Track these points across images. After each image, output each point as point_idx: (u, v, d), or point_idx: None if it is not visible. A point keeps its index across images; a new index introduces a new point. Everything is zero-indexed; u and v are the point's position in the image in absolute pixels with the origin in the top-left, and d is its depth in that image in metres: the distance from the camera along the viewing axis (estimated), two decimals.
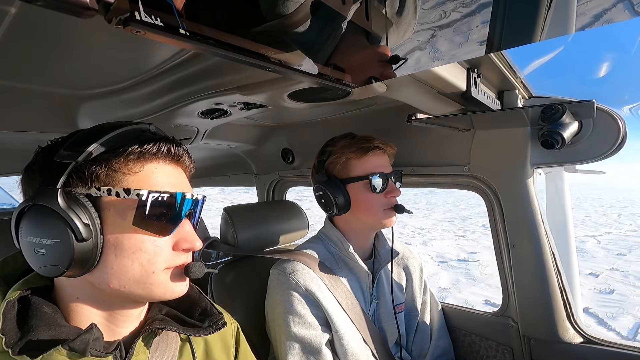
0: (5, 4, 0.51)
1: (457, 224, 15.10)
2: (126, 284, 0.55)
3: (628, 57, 0.82)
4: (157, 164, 0.58)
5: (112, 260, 0.54)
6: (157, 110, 1.04)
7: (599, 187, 58.02)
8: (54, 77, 0.82)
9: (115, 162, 0.55)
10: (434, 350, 1.25)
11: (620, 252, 9.90)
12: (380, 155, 1.13)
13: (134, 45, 0.71)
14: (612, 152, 0.99)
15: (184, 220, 0.60)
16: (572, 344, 1.13)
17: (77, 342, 0.51)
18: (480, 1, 0.50)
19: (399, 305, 1.23)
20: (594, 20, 0.45)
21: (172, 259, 0.58)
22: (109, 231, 0.54)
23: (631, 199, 31.55)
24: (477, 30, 0.53)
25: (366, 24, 0.56)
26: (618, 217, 18.61)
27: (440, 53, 0.61)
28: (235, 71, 0.82)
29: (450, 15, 0.53)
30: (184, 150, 0.63)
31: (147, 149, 0.56)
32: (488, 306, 6.01)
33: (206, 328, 0.66)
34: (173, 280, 0.58)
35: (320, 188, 1.15)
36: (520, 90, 1.07)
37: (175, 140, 0.63)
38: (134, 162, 0.56)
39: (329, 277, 1.10)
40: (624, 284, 7.22)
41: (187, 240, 0.59)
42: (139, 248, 0.55)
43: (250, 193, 1.16)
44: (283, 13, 0.47)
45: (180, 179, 0.62)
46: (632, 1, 0.42)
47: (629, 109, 1.04)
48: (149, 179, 0.56)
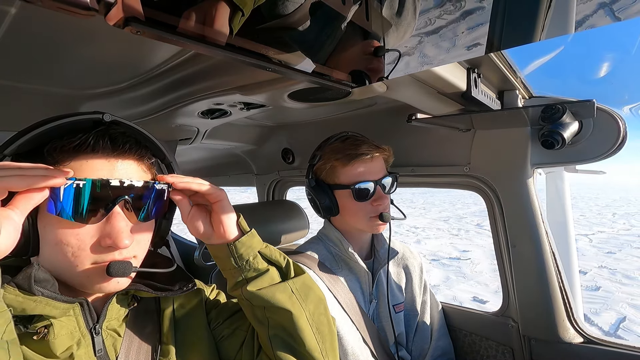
0: (6, 4, 0.51)
1: (452, 222, 15.19)
2: (61, 273, 0.57)
3: (628, 57, 0.83)
4: (87, 157, 0.57)
5: (44, 250, 0.56)
6: (157, 110, 1.04)
7: (596, 187, 58.24)
8: (54, 77, 0.82)
9: (41, 154, 0.56)
10: (434, 351, 1.25)
11: (610, 251, 10.05)
12: (366, 162, 1.08)
13: (134, 45, 0.71)
14: (613, 152, 0.99)
15: (112, 212, 0.56)
16: (572, 344, 1.13)
17: (20, 276, 0.52)
18: (481, 1, 0.50)
19: (398, 305, 1.23)
20: (594, 21, 0.45)
21: (98, 256, 0.56)
22: (40, 222, 0.55)
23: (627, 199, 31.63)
24: (477, 30, 0.53)
25: (366, 25, 0.56)
26: (612, 216, 18.70)
27: (441, 53, 0.61)
28: (235, 71, 0.82)
29: (451, 15, 0.53)
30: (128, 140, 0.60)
31: (70, 140, 0.56)
32: (476, 302, 6.18)
33: (176, 290, 0.67)
34: (99, 278, 0.57)
35: (309, 192, 1.16)
36: (521, 90, 1.06)
37: (123, 130, 0.61)
38: (59, 153, 0.56)
39: (329, 277, 1.10)
40: (611, 281, 7.38)
41: (110, 236, 0.55)
42: (60, 240, 0.55)
43: (248, 193, 1.17)
44: (283, 13, 0.47)
45: (117, 174, 0.58)
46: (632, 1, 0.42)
47: (629, 108, 1.04)
48: (75, 173, 0.55)
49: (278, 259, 0.73)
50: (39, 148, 0.57)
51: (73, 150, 0.56)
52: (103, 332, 0.61)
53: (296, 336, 0.69)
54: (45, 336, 0.54)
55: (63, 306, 0.55)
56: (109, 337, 0.62)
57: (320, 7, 0.49)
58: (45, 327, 0.54)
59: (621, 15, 0.43)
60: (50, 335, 0.54)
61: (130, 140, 0.61)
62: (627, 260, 8.97)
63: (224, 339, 0.75)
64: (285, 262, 0.74)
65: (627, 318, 5.51)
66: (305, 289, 0.72)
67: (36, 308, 0.52)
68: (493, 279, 7.30)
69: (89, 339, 0.59)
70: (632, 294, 6.62)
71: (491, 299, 6.30)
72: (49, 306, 0.53)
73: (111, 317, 0.63)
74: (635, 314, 5.65)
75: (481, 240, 11.22)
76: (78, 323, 0.58)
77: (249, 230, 0.71)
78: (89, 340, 0.59)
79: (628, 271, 7.99)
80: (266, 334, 0.70)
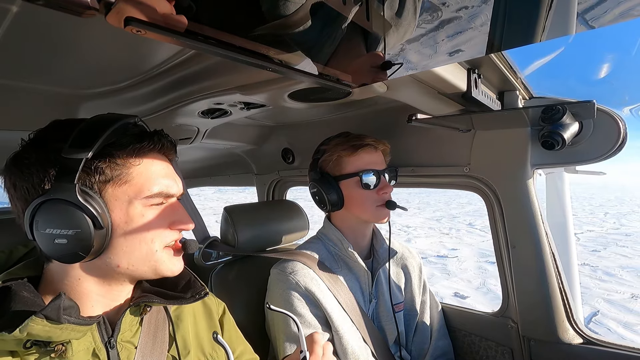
0: (7, 3, 0.51)
1: (444, 222, 15.32)
2: (134, 262, 0.62)
3: (628, 58, 0.83)
4: (152, 157, 0.65)
5: (122, 243, 0.61)
6: (157, 109, 1.04)
7: (592, 187, 58.62)
8: (54, 76, 0.82)
9: (117, 156, 0.60)
10: (434, 351, 1.25)
11: (595, 249, 10.28)
12: (371, 152, 1.13)
13: (134, 45, 0.71)
14: (613, 153, 0.99)
15: (175, 202, 0.68)
16: (571, 344, 1.13)
17: (49, 308, 0.54)
18: (481, 1, 0.50)
19: (398, 304, 1.23)
20: (594, 22, 0.45)
21: (170, 238, 0.66)
22: (117, 217, 0.60)
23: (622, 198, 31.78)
24: (477, 31, 0.53)
25: (367, 25, 0.56)
26: (604, 215, 18.91)
27: (441, 53, 0.61)
28: (235, 71, 0.82)
29: (451, 16, 0.52)
30: (171, 143, 0.69)
31: (144, 143, 0.63)
32: (457, 297, 6.37)
33: (189, 298, 0.71)
34: (172, 257, 0.66)
35: (314, 185, 1.17)
36: (521, 91, 1.06)
37: (164, 134, 0.69)
38: (134, 155, 0.62)
39: (329, 276, 1.10)
40: (591, 277, 7.61)
41: (182, 221, 0.67)
42: (143, 230, 0.61)
43: (245, 192, 1.18)
44: (284, 14, 0.47)
45: (170, 169, 0.69)
46: (632, 2, 0.42)
47: (629, 109, 1.04)
48: (147, 171, 0.63)
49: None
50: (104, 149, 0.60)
51: (146, 152, 0.64)
52: (118, 345, 0.64)
53: None
54: (63, 353, 0.57)
55: (85, 329, 0.59)
56: (123, 350, 0.65)
57: (321, 7, 0.49)
58: (63, 345, 0.57)
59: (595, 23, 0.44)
60: (68, 352, 0.57)
61: (170, 142, 0.69)
62: (610, 258, 9.24)
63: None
64: None
65: (599, 312, 5.76)
66: None
67: (62, 335, 0.56)
68: (476, 276, 7.46)
69: (104, 353, 0.62)
70: (608, 289, 6.87)
71: (472, 294, 6.48)
72: (74, 331, 0.57)
73: (125, 330, 0.66)
74: (608, 308, 5.89)
75: (470, 239, 11.33)
76: (94, 338, 0.61)
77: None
78: (104, 355, 0.62)
79: (609, 268, 8.24)
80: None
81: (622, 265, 8.54)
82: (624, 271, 8.01)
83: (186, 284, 0.74)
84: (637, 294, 6.54)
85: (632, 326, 5.24)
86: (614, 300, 6.31)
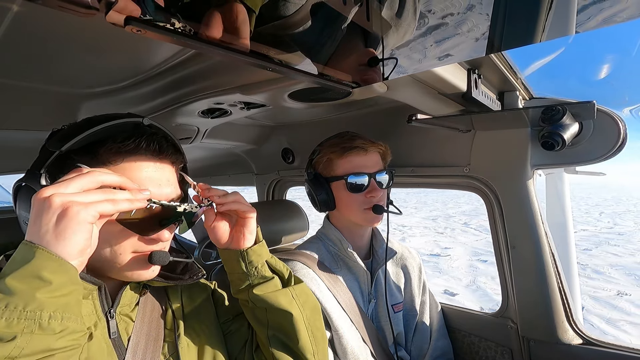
0: (7, 2, 0.51)
1: (439, 221, 15.37)
2: (98, 262, 0.60)
3: (628, 59, 0.83)
4: (138, 158, 0.62)
5: None
6: (157, 109, 1.04)
7: (590, 186, 58.67)
8: (54, 76, 0.82)
9: (96, 153, 0.60)
10: (433, 351, 1.25)
11: (587, 248, 10.32)
12: (360, 155, 1.10)
13: (134, 45, 0.71)
14: (613, 153, 0.99)
15: None
16: (571, 345, 1.13)
17: None
18: (481, 2, 0.50)
19: (397, 304, 1.23)
20: (594, 22, 0.45)
21: (139, 245, 0.62)
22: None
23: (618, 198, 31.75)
24: (477, 31, 0.53)
25: (367, 25, 0.56)
26: (599, 215, 18.87)
27: (441, 54, 0.61)
28: (235, 71, 0.82)
29: (451, 16, 0.52)
30: (169, 146, 0.66)
31: (126, 143, 0.60)
32: (446, 295, 6.38)
33: (187, 279, 0.73)
34: (138, 265, 0.63)
35: (307, 185, 1.18)
36: (521, 91, 1.06)
37: (163, 135, 0.66)
38: (114, 154, 0.60)
39: (328, 276, 1.10)
40: (580, 275, 7.57)
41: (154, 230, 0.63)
42: (109, 240, 0.59)
43: (245, 192, 1.18)
44: (284, 14, 0.47)
45: (160, 174, 0.64)
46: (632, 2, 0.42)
47: (629, 110, 1.04)
48: (124, 171, 0.60)
49: (281, 269, 0.79)
50: (88, 146, 0.60)
51: (127, 152, 0.61)
52: (117, 317, 0.65)
53: (293, 336, 0.74)
54: None
55: (89, 287, 0.60)
56: (122, 322, 0.67)
57: (321, 7, 0.49)
58: None
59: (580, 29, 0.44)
60: None
61: (170, 145, 0.67)
62: (600, 257, 9.29)
63: (230, 335, 0.80)
64: (287, 272, 0.80)
65: (584, 309, 5.78)
66: (304, 296, 0.78)
67: None
68: (467, 274, 7.50)
69: (104, 321, 0.63)
70: (595, 287, 6.94)
71: (461, 292, 6.51)
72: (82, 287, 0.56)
73: (124, 303, 0.67)
74: (593, 305, 5.97)
75: (464, 238, 11.36)
76: (95, 306, 0.62)
77: (261, 240, 0.77)
78: (104, 323, 0.63)
79: (599, 267, 8.27)
80: (265, 334, 0.75)
81: (612, 263, 8.60)
82: (613, 269, 8.08)
83: (184, 267, 0.76)
84: (623, 291, 6.62)
85: (614, 322, 5.30)
86: (600, 297, 6.38)
